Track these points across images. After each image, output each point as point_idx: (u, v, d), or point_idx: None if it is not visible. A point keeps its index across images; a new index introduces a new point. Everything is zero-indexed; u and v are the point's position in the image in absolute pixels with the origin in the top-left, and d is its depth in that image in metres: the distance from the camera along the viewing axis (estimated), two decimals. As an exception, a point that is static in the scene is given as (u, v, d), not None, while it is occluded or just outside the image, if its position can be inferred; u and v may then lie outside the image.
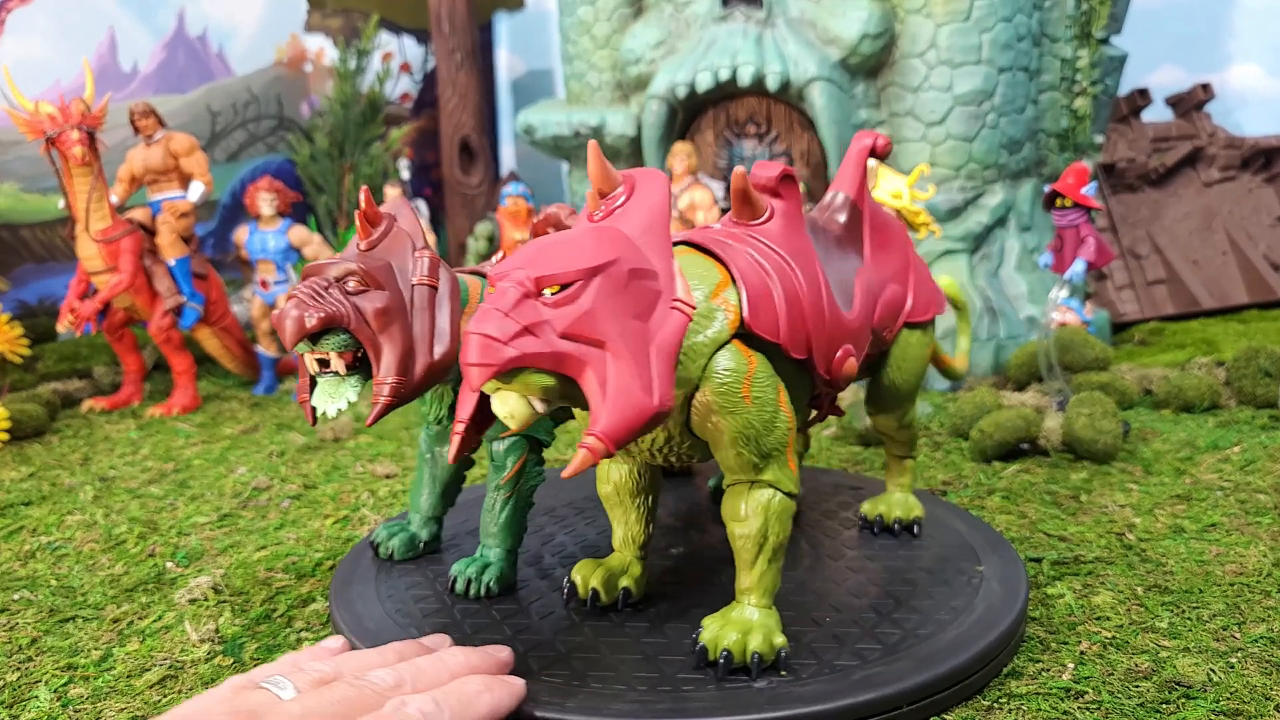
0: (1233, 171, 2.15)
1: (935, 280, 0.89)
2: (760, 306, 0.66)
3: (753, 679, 0.66)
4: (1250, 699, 0.68)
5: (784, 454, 0.67)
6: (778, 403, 0.66)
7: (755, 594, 0.69)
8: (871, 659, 0.69)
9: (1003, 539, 0.89)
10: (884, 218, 0.85)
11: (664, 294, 0.61)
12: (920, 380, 0.87)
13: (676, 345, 0.60)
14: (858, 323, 0.75)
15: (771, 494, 0.67)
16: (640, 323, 0.59)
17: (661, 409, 0.58)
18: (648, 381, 0.58)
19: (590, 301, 0.57)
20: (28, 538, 1.07)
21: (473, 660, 0.65)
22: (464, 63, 2.50)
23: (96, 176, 1.50)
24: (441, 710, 0.57)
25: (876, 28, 1.66)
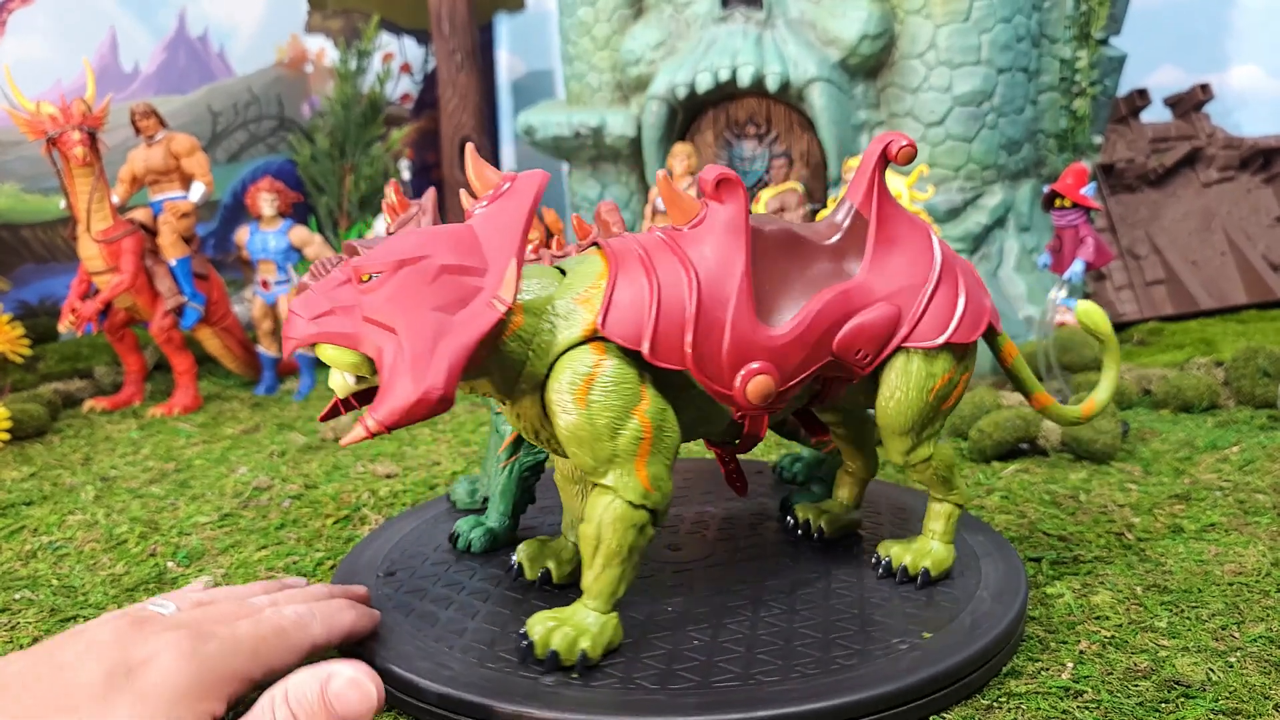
0: (1231, 172, 2.15)
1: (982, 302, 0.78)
2: (622, 312, 0.66)
3: (543, 672, 0.67)
4: (1249, 698, 0.68)
5: (630, 463, 0.67)
6: (627, 410, 0.66)
7: (590, 595, 0.69)
8: (871, 658, 0.69)
9: (1002, 539, 0.89)
10: (901, 229, 0.77)
11: (486, 290, 0.64)
12: (926, 414, 0.76)
13: (475, 339, 0.62)
14: (785, 341, 0.70)
15: (610, 500, 0.67)
16: (443, 315, 0.63)
17: (426, 399, 0.61)
18: (424, 370, 0.61)
19: (390, 291, 0.63)
20: (29, 537, 1.07)
21: (334, 590, 0.76)
22: (464, 63, 2.50)
23: (98, 177, 1.50)
24: (313, 614, 0.68)
25: (876, 28, 1.67)
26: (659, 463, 0.68)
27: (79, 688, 0.54)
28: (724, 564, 0.86)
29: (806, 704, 0.64)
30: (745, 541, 0.90)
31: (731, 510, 0.98)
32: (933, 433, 0.78)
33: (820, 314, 0.71)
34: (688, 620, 0.76)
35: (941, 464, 0.80)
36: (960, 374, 0.77)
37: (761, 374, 0.69)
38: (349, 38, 2.49)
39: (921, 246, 0.76)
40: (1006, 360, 0.84)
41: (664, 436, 0.68)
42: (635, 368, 0.67)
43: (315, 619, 0.67)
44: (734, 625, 0.75)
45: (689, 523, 0.95)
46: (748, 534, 0.92)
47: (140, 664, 0.56)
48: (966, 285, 0.77)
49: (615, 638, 0.70)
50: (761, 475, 1.07)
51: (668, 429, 0.68)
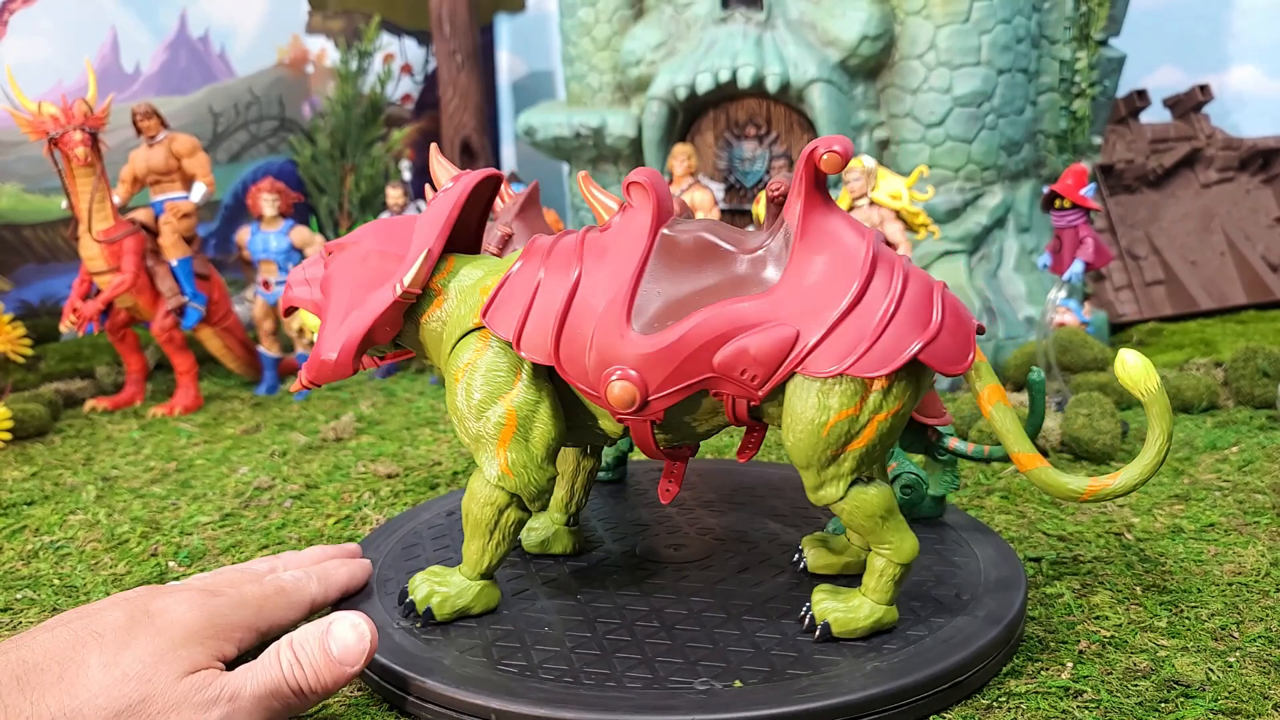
0: (1231, 173, 2.15)
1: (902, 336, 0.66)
2: (503, 305, 0.72)
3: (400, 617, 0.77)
4: (1248, 698, 0.68)
5: (493, 446, 0.73)
6: (494, 397, 0.73)
7: (463, 562, 0.78)
8: (870, 658, 0.69)
9: (1001, 539, 0.89)
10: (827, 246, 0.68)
11: (397, 275, 0.74)
12: (825, 450, 0.68)
13: (373, 316, 0.74)
14: (650, 350, 0.67)
15: (476, 476, 0.75)
16: (366, 291, 0.75)
17: (326, 363, 0.74)
18: (334, 339, 0.74)
19: (332, 268, 0.77)
20: (30, 537, 1.07)
21: (328, 549, 0.86)
22: (465, 64, 2.50)
23: (99, 177, 1.50)
24: (310, 576, 0.77)
25: (876, 29, 1.67)
26: (521, 450, 0.73)
27: (105, 624, 0.63)
28: (729, 566, 0.86)
29: (805, 704, 0.64)
30: (747, 545, 0.91)
31: (739, 516, 0.98)
32: (840, 473, 0.69)
33: (698, 329, 0.67)
34: (686, 620, 0.76)
35: (858, 511, 0.70)
36: (871, 413, 0.67)
37: (623, 380, 0.68)
38: (350, 38, 2.49)
39: (845, 265, 0.67)
40: (983, 408, 0.72)
41: (531, 427, 0.73)
42: (511, 359, 0.73)
43: (312, 579, 0.77)
44: (733, 625, 0.75)
45: (696, 526, 0.95)
46: (750, 538, 0.92)
47: (159, 610, 0.65)
48: (899, 310, 0.66)
49: (478, 604, 0.77)
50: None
51: (537, 421, 0.73)
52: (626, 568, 0.85)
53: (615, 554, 0.89)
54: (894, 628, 0.73)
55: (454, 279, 0.76)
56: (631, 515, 0.97)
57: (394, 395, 1.64)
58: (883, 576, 0.72)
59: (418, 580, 0.78)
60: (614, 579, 0.83)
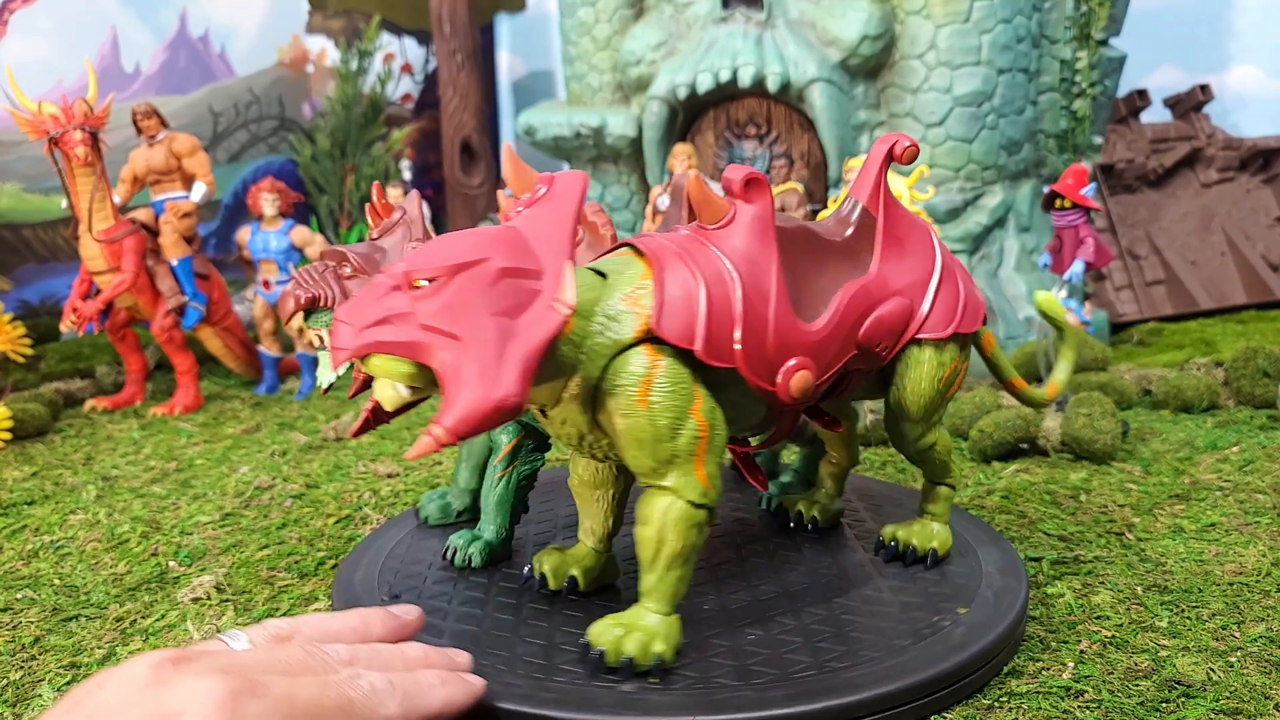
0: (1231, 172, 2.15)
1: (977, 295, 0.82)
2: (674, 312, 0.66)
3: (621, 680, 0.66)
4: (1249, 698, 0.68)
5: (689, 462, 0.66)
6: (685, 410, 0.66)
7: (653, 598, 0.69)
8: (871, 658, 0.69)
9: (1002, 538, 0.89)
10: (905, 227, 0.80)
11: (544, 293, 0.62)
12: (936, 402, 0.80)
13: (542, 343, 0.61)
14: (822, 335, 0.72)
15: (671, 501, 0.67)
16: (506, 319, 0.60)
17: (503, 404, 0.59)
18: (494, 376, 0.59)
19: (450, 296, 0.60)
20: (31, 537, 1.07)
21: (431, 656, 0.64)
22: (465, 64, 2.50)
23: (99, 177, 1.50)
24: (394, 690, 0.57)
25: (876, 29, 1.67)
26: (713, 461, 0.68)
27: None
28: (731, 565, 0.86)
29: (805, 705, 0.64)
30: (747, 544, 0.91)
31: (739, 516, 0.98)
32: (939, 419, 0.82)
33: (848, 307, 0.73)
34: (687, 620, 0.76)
35: (944, 448, 0.84)
36: (963, 362, 0.81)
37: (802, 369, 0.70)
38: (350, 38, 2.49)
39: (925, 243, 0.80)
40: (986, 349, 0.88)
41: (716, 435, 0.68)
42: (688, 367, 0.67)
43: (394, 694, 0.57)
44: (733, 626, 0.75)
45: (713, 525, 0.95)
46: (750, 539, 0.92)
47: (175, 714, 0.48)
48: (963, 279, 0.81)
49: (679, 638, 0.69)
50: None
51: (719, 427, 0.68)
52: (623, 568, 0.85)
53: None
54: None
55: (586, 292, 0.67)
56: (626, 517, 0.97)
57: (394, 395, 1.64)
58: (948, 501, 0.86)
59: (613, 636, 0.68)
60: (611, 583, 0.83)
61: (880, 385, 0.81)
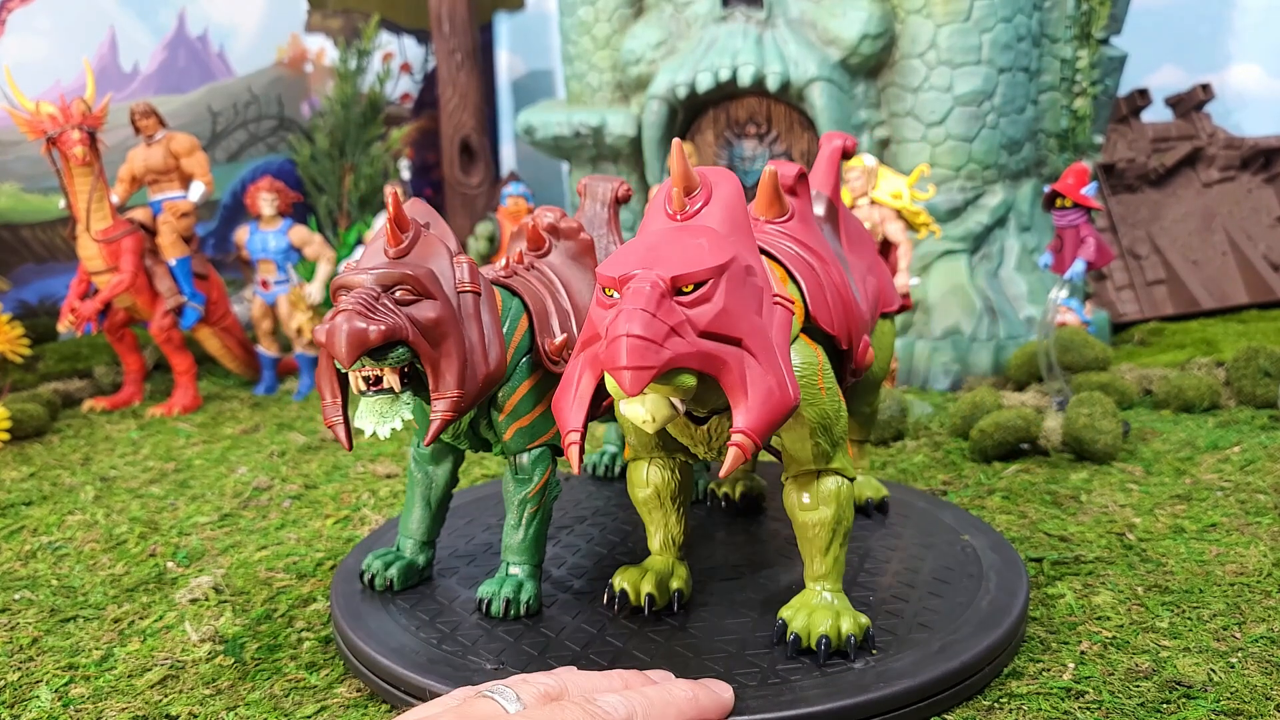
0: (1232, 172, 2.15)
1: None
2: (819, 300, 0.70)
3: (851, 660, 0.68)
4: (1251, 699, 0.68)
5: (845, 443, 0.70)
6: (839, 394, 0.69)
7: (830, 580, 0.71)
8: (871, 659, 0.69)
9: (1003, 539, 0.89)
10: (853, 215, 0.90)
11: (766, 290, 0.62)
12: (889, 361, 0.92)
13: (789, 340, 0.63)
14: (869, 313, 0.80)
15: (840, 481, 0.69)
16: (760, 319, 0.60)
17: (796, 403, 0.60)
18: (781, 377, 0.59)
19: (724, 299, 0.58)
20: (28, 537, 1.07)
21: (700, 698, 0.61)
22: (464, 63, 2.50)
23: (97, 176, 1.50)
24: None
25: (876, 28, 1.66)
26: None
27: None
28: (727, 565, 0.85)
29: (805, 706, 0.63)
30: (752, 544, 0.90)
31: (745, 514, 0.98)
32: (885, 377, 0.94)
33: (864, 286, 0.82)
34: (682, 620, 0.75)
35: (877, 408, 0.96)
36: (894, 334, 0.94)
37: (869, 346, 0.77)
38: (349, 37, 2.48)
39: (863, 230, 0.91)
40: None
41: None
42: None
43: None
44: (733, 626, 0.74)
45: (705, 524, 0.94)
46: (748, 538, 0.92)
47: None
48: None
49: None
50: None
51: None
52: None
53: (613, 556, 0.88)
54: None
55: None
56: (625, 515, 0.97)
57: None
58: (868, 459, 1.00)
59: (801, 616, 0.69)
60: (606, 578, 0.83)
61: None
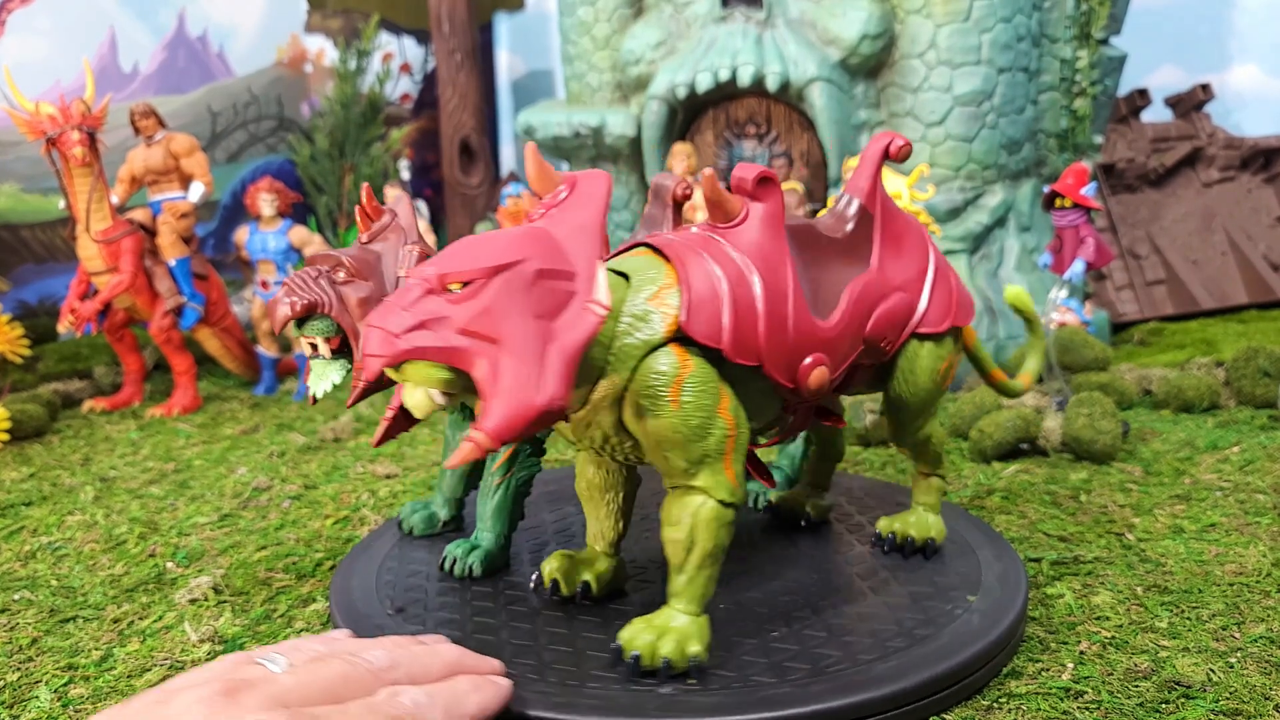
0: (1232, 172, 2.15)
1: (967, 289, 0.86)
2: (701, 311, 0.65)
3: (659, 683, 0.66)
4: (1250, 699, 0.68)
5: (719, 461, 0.67)
6: (714, 409, 0.66)
7: (683, 599, 0.69)
8: (870, 659, 0.69)
9: (1002, 539, 0.89)
10: (900, 223, 0.81)
11: (579, 295, 0.62)
12: (934, 394, 0.82)
13: (581, 345, 0.60)
14: (835, 332, 0.72)
15: (702, 501, 0.67)
16: (544, 322, 0.60)
17: (549, 408, 0.58)
18: (537, 380, 0.58)
19: (489, 299, 0.59)
20: (28, 538, 1.07)
21: (466, 659, 0.65)
22: (464, 63, 2.50)
23: (97, 177, 1.50)
24: (434, 703, 0.57)
25: (876, 28, 1.67)
26: (740, 460, 0.68)
27: None
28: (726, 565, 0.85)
29: (806, 705, 0.63)
30: (752, 544, 0.90)
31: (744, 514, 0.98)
32: (934, 412, 0.85)
33: (857, 303, 0.75)
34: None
35: (938, 440, 0.87)
36: (956, 355, 0.83)
37: (819, 365, 0.71)
38: (349, 38, 2.48)
39: (919, 240, 0.82)
40: (968, 344, 0.90)
41: (742, 433, 0.68)
42: (713, 367, 0.67)
43: (435, 708, 0.57)
44: (735, 626, 0.74)
45: None
46: (748, 541, 0.92)
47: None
48: (953, 275, 0.83)
49: (707, 638, 0.69)
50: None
51: (744, 425, 0.68)
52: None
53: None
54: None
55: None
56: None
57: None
58: (939, 492, 0.88)
59: (649, 638, 0.68)
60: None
61: (878, 380, 0.83)
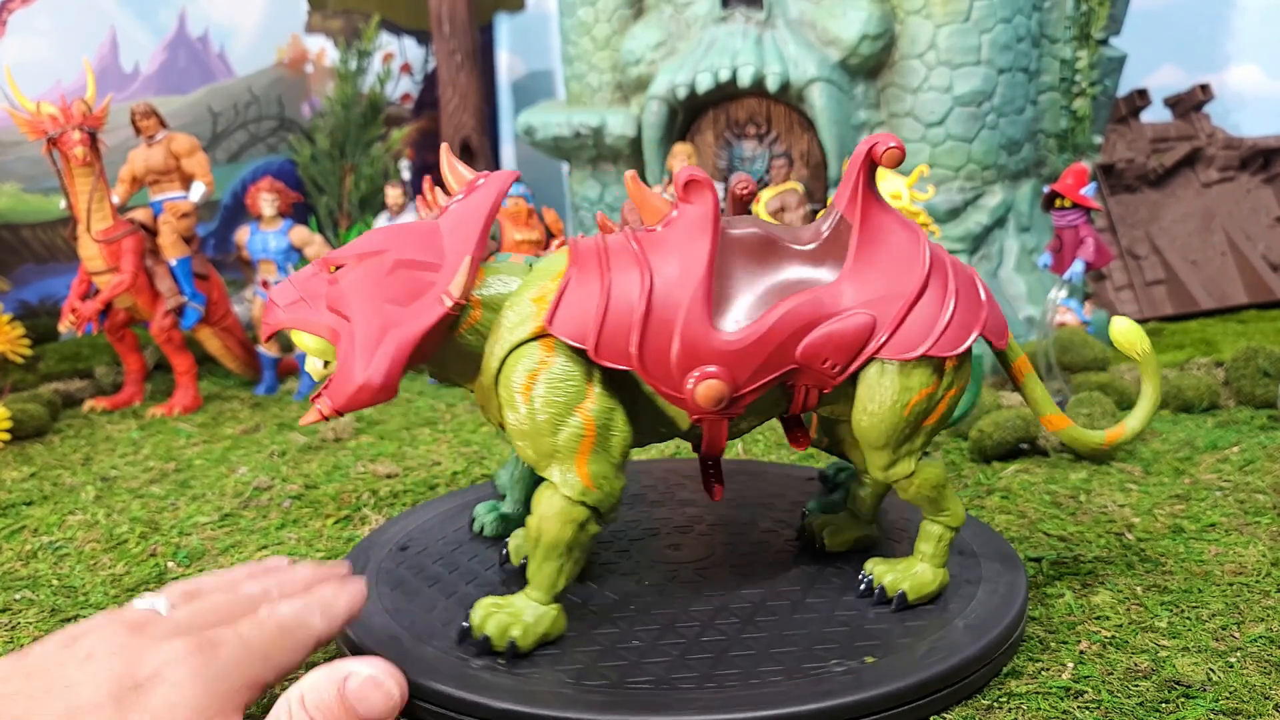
0: (1231, 172, 2.15)
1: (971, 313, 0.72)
2: (569, 310, 0.67)
3: (472, 656, 0.70)
4: (1249, 698, 0.68)
5: (570, 460, 0.68)
6: (570, 407, 0.68)
7: (533, 586, 0.71)
8: (870, 658, 0.69)
9: (1002, 539, 0.89)
10: (886, 236, 0.72)
11: (438, 285, 0.67)
12: (904, 429, 0.72)
13: (420, 332, 0.66)
14: (738, 346, 0.68)
15: (551, 494, 0.69)
16: (395, 307, 0.66)
17: (367, 387, 0.65)
18: (366, 361, 0.65)
19: (348, 282, 0.67)
20: (29, 537, 1.07)
21: (321, 571, 0.69)
22: (464, 64, 2.50)
23: (98, 177, 1.50)
24: (311, 608, 0.62)
25: (876, 29, 1.67)
26: (602, 461, 0.69)
27: (83, 710, 0.50)
28: (726, 565, 0.86)
29: (806, 704, 0.64)
30: (751, 544, 0.90)
31: (744, 513, 0.98)
32: (913, 449, 0.74)
33: (783, 320, 0.69)
34: (691, 619, 0.76)
35: (925, 483, 0.75)
36: (945, 389, 0.72)
37: (712, 378, 0.68)
38: (349, 38, 2.49)
39: (908, 252, 0.71)
40: (1017, 378, 0.79)
41: (609, 436, 0.69)
42: (583, 366, 0.68)
43: (315, 611, 0.62)
44: (735, 626, 0.75)
45: (705, 524, 0.95)
46: (755, 537, 0.92)
47: (148, 680, 0.52)
48: (959, 294, 0.71)
49: (553, 629, 0.72)
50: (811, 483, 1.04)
51: (614, 429, 0.69)
52: (624, 569, 0.85)
53: (610, 556, 0.88)
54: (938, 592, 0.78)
55: (487, 288, 0.71)
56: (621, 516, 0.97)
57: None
58: (940, 541, 0.77)
59: (482, 613, 0.71)
60: (610, 581, 0.83)
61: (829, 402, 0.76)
